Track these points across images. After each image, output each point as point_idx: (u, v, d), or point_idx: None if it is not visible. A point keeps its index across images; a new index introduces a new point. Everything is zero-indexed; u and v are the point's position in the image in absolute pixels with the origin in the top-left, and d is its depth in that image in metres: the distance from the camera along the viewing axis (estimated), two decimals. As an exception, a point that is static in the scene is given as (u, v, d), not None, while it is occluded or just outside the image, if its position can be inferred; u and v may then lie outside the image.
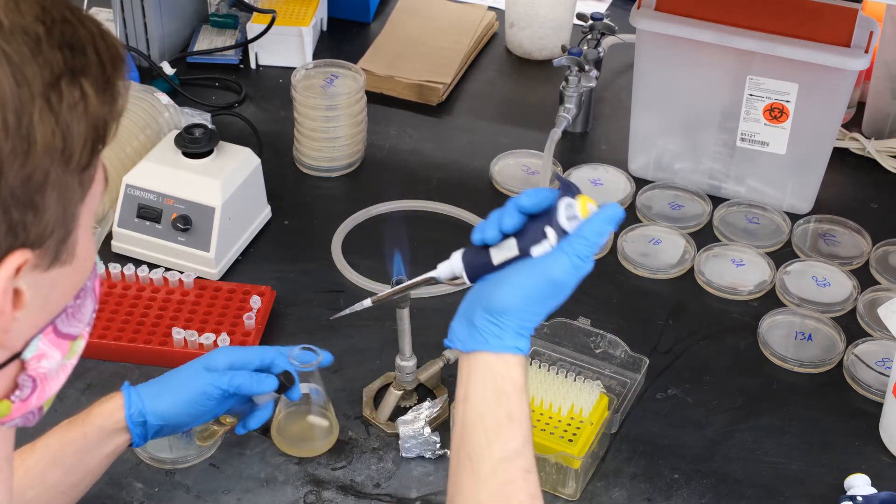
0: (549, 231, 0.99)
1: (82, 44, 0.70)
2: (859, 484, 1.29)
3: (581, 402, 1.31)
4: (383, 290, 1.21)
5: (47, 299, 0.75)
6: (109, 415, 1.17)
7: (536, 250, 1.00)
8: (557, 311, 1.49)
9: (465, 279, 1.04)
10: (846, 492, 1.29)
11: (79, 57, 0.69)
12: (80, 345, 0.81)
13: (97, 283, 0.81)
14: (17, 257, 0.69)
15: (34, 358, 0.76)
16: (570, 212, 0.99)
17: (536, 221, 1.00)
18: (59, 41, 0.68)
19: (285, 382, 1.25)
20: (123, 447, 1.18)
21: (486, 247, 1.02)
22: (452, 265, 1.05)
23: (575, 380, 1.33)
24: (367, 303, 1.19)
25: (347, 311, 1.22)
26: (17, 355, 0.75)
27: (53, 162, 0.68)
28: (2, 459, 0.81)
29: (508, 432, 0.99)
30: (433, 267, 1.08)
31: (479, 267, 1.03)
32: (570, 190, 1.00)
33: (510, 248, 1.01)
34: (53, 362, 0.77)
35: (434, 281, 1.08)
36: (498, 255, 1.01)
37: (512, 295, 0.99)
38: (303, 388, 1.34)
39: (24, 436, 1.11)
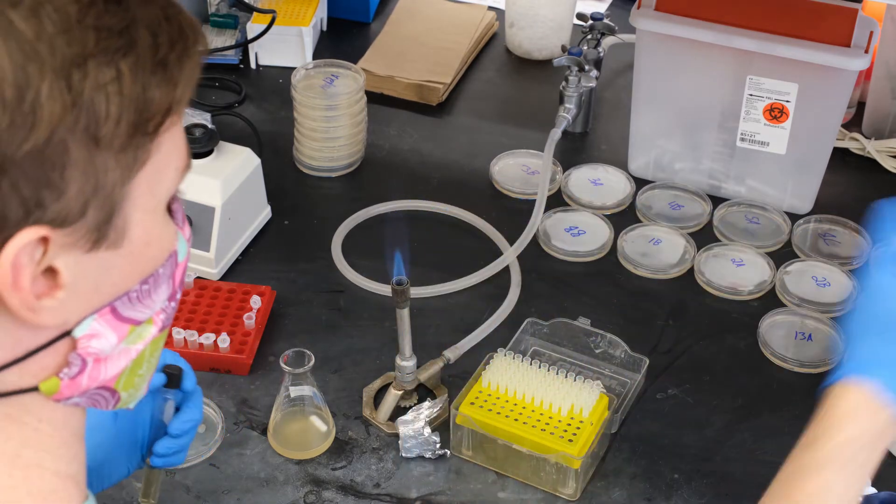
0: None
1: (127, 25, 0.69)
2: None
3: (581, 402, 1.31)
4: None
5: (99, 281, 0.74)
6: None
7: None
8: (557, 311, 1.51)
9: None
10: None
11: (118, 38, 0.69)
12: (149, 330, 0.79)
13: (178, 272, 0.80)
14: (29, 233, 0.68)
15: (84, 337, 0.75)
16: None
17: None
18: (94, 22, 0.68)
19: (172, 373, 1.10)
20: None
21: None
22: None
23: (575, 380, 1.34)
24: None
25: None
26: (68, 333, 0.75)
27: (74, 139, 0.68)
28: (70, 436, 0.80)
29: (812, 447, 0.95)
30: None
31: None
32: None
33: None
34: (107, 344, 0.76)
35: None
36: None
37: None
38: (297, 390, 1.34)
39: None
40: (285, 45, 2.00)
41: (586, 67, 1.81)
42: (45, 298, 0.71)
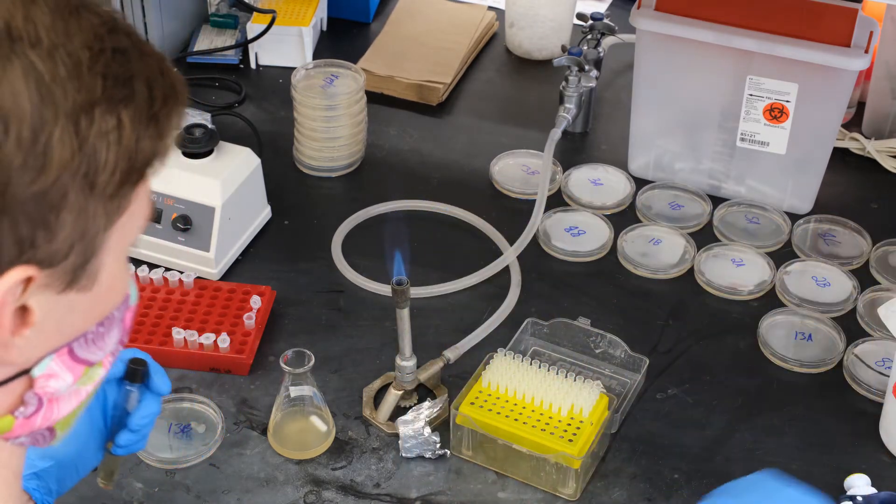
0: None
1: (131, 76, 0.70)
2: (859, 484, 1.29)
3: (581, 402, 1.31)
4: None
5: (62, 322, 0.75)
6: None
7: None
8: (557, 311, 1.51)
9: None
10: (846, 492, 1.29)
11: (121, 88, 0.70)
12: (99, 373, 0.80)
13: (129, 316, 0.81)
14: (19, 272, 0.69)
15: (43, 377, 0.76)
16: None
17: None
18: (102, 70, 0.69)
19: (135, 367, 1.10)
20: None
21: None
22: None
23: (575, 380, 1.34)
24: None
25: None
26: (26, 372, 0.75)
27: (74, 185, 0.68)
28: (11, 475, 0.81)
29: None
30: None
31: None
32: None
33: None
34: (63, 384, 0.77)
35: None
36: None
37: None
38: (297, 390, 1.34)
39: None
40: (285, 45, 2.00)
41: (586, 67, 1.81)
42: (16, 336, 0.72)
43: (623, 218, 1.70)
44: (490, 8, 2.15)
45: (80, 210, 0.69)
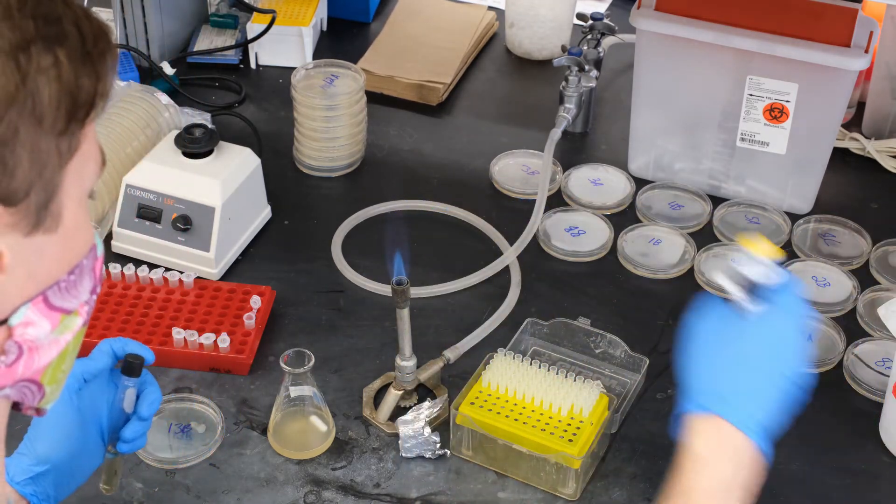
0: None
1: (59, 17, 0.75)
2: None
3: (581, 402, 1.31)
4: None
5: (34, 267, 0.78)
6: None
7: None
8: (557, 311, 1.51)
9: None
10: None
11: (53, 27, 0.74)
12: (76, 321, 0.83)
13: (98, 265, 0.84)
14: None
15: (20, 325, 0.79)
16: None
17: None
18: (31, 12, 0.73)
19: (132, 361, 1.11)
20: None
21: None
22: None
23: (575, 380, 1.33)
24: None
25: None
26: (4, 321, 0.78)
27: (22, 119, 0.72)
28: None
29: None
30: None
31: None
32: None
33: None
34: (41, 331, 0.80)
35: None
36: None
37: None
38: (297, 390, 1.34)
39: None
40: (285, 45, 2.00)
41: (586, 67, 1.81)
42: None
43: (623, 218, 1.70)
44: (490, 8, 2.15)
45: (33, 146, 0.73)
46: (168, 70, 1.93)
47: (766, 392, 1.02)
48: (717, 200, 1.73)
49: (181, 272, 1.55)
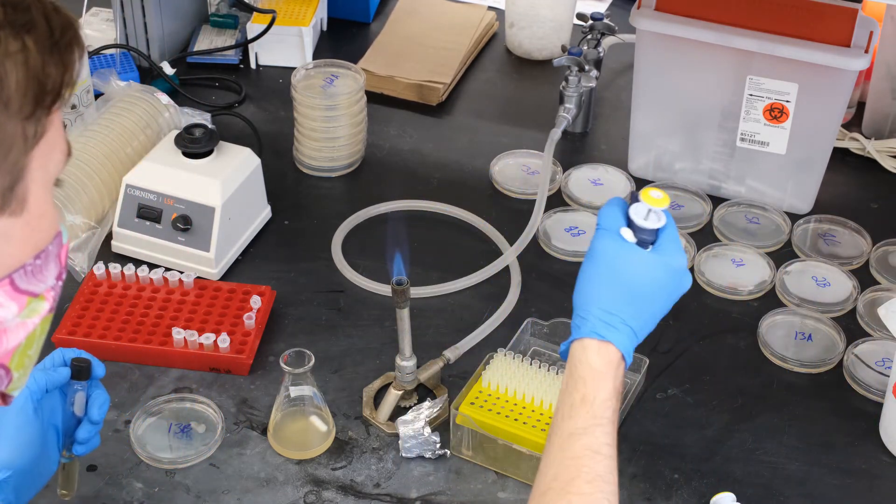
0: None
1: (28, 6, 0.76)
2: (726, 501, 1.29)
3: (581, 402, 1.31)
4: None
5: (0, 251, 0.79)
6: None
7: None
8: (557, 311, 1.51)
9: None
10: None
11: (22, 15, 0.75)
12: (42, 306, 0.84)
13: (63, 253, 0.86)
14: None
15: None
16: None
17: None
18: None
19: (80, 365, 1.14)
20: None
21: None
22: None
23: (575, 380, 1.33)
24: None
25: None
26: None
27: None
28: None
29: (579, 412, 1.08)
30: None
31: None
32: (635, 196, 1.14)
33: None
34: (8, 313, 0.81)
35: None
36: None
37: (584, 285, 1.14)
38: (297, 390, 1.34)
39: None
40: (285, 45, 2.00)
41: (586, 67, 1.81)
42: None
43: (623, 218, 1.70)
44: (490, 8, 2.15)
45: (0, 128, 0.75)
46: (168, 70, 1.93)
47: (645, 323, 1.13)
48: (717, 200, 1.73)
49: (181, 272, 1.55)
